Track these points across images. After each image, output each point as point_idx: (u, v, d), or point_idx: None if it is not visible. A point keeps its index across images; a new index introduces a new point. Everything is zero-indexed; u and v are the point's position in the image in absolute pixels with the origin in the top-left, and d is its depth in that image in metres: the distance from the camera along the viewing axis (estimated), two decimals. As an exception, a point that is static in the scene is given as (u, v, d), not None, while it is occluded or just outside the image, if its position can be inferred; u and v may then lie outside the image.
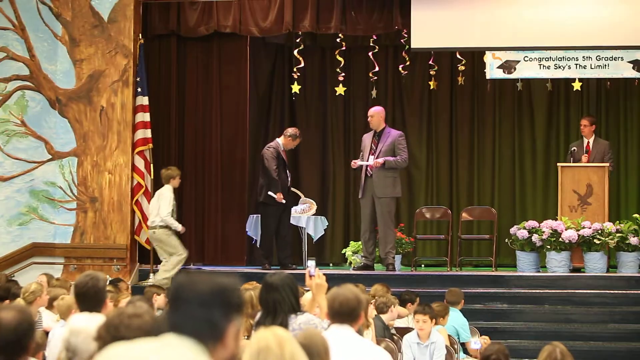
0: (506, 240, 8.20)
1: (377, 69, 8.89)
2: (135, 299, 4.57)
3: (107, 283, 6.08)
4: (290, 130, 8.25)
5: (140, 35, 8.15)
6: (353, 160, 8.02)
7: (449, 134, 9.76)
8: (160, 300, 5.36)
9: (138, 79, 8.06)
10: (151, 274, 7.80)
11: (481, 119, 9.70)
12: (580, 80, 8.52)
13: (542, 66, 8.20)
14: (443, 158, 9.78)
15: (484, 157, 9.65)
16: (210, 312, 1.71)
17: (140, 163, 8.01)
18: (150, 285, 6.57)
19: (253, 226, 8.55)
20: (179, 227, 7.51)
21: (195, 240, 8.52)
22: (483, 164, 9.65)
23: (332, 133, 9.91)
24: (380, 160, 7.76)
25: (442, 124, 9.78)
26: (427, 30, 8.16)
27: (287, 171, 8.23)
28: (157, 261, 8.21)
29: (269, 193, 7.96)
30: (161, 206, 7.46)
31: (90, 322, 2.85)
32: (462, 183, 9.67)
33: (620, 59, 8.06)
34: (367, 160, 7.86)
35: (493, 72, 8.29)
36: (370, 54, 8.91)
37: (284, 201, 7.98)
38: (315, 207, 8.75)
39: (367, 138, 8.04)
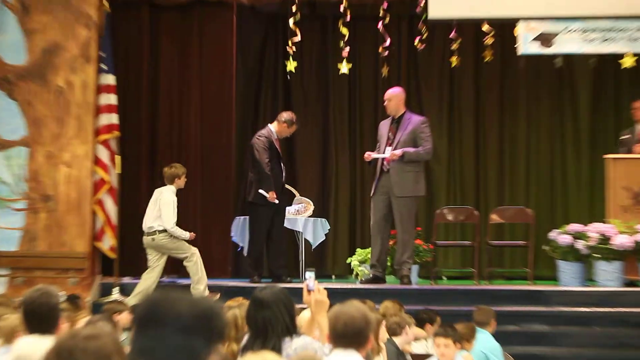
0: (545, 247, 8.15)
1: (388, 42, 8.84)
2: (95, 319, 4.50)
3: (62, 299, 6.00)
4: (285, 115, 8.18)
5: (105, 2, 8.06)
6: (367, 153, 7.94)
7: (475, 120, 9.74)
8: (123, 318, 5.29)
9: (103, 54, 8.00)
10: (114, 289, 7.73)
11: (513, 102, 9.68)
12: (634, 55, 8.44)
13: (586, 39, 8.11)
14: (468, 149, 9.75)
15: (517, 148, 9.64)
16: (189, 339, 1.71)
17: (103, 154, 7.94)
18: (110, 300, 6.49)
19: (240, 230, 8.49)
20: (187, 235, 7.46)
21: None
22: (516, 155, 9.63)
23: (335, 119, 9.87)
24: (398, 152, 7.67)
25: (467, 109, 9.75)
26: (449, -4, 8.10)
27: (282, 164, 8.17)
28: (127, 272, 8.11)
29: (260, 191, 7.89)
30: (164, 213, 7.41)
31: (39, 347, 2.86)
32: (491, 178, 9.65)
33: (681, 30, 7.97)
34: (384, 152, 7.77)
35: (527, 46, 8.21)
36: (380, 25, 8.84)
37: (277, 201, 7.91)
38: (312, 207, 8.69)
39: (383, 126, 7.99)
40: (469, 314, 5.98)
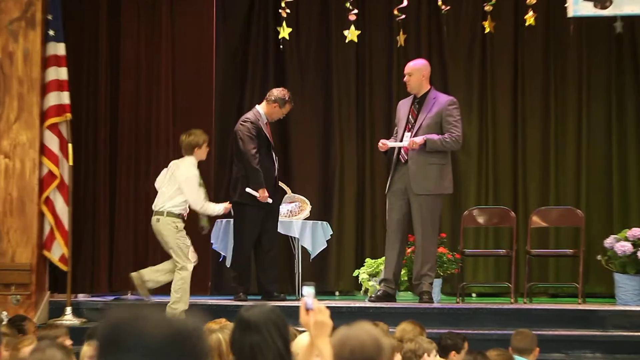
0: (599, 257, 8.17)
1: (405, 3, 8.84)
2: (44, 346, 4.49)
3: (3, 321, 5.97)
4: (276, 93, 8.18)
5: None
6: (382, 141, 7.92)
7: (513, 100, 9.76)
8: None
9: (50, 17, 7.99)
10: (66, 309, 7.72)
11: (560, 77, 9.68)
12: None
13: (653, -3, 8.08)
14: (503, 135, 9.76)
15: (565, 134, 9.64)
16: None
17: (52, 142, 7.94)
18: (44, 324, 6.46)
19: (221, 236, 8.51)
20: (221, 208, 7.57)
21: (134, 258, 8.49)
22: (564, 144, 9.64)
23: (339, 99, 9.90)
24: (419, 139, 7.66)
25: (502, 87, 9.78)
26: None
27: (274, 154, 8.15)
28: (82, 288, 8.12)
29: (247, 190, 7.89)
30: (187, 192, 7.48)
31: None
32: (532, 172, 9.66)
33: None
34: (402, 140, 7.77)
35: (578, 6, 8.18)
36: (395, -20, 8.86)
37: (270, 200, 7.91)
38: (308, 207, 8.69)
39: (403, 106, 8.00)
40: (505, 339, 5.98)
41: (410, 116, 7.86)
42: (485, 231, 9.49)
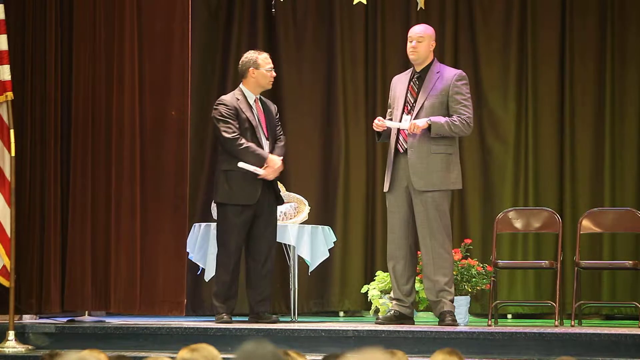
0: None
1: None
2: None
3: None
4: (244, 59, 8.19)
5: None
6: (378, 119, 7.90)
7: (559, 77, 9.72)
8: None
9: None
10: (9, 333, 7.71)
11: (619, 50, 9.59)
12: None
13: None
14: (547, 120, 9.72)
15: (624, 119, 9.57)
16: None
17: (-10, 127, 7.97)
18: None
19: (199, 244, 8.54)
20: None
21: (93, 269, 8.50)
22: (621, 130, 9.57)
23: (344, 73, 9.89)
24: (421, 122, 7.72)
25: (546, 59, 9.74)
26: None
27: (263, 139, 8.14)
28: (28, 308, 8.15)
29: (242, 165, 7.98)
30: None
31: None
32: (582, 165, 9.63)
33: None
34: (400, 121, 7.84)
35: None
36: None
37: (264, 172, 7.97)
38: (306, 208, 8.70)
39: (399, 83, 7.98)
40: (547, 370, 6.03)
41: (409, 94, 7.86)
42: (524, 238, 9.49)
